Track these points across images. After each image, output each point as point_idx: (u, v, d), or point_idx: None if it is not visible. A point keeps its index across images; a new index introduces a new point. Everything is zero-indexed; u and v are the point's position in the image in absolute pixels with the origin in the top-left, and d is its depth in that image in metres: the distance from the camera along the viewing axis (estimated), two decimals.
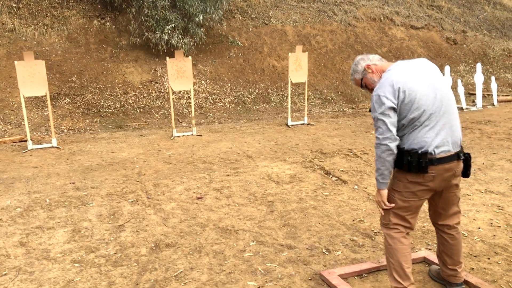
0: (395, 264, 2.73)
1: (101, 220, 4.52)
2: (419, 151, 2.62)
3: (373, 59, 2.86)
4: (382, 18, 16.63)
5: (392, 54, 15.31)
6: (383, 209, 2.82)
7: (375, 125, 2.66)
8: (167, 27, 12.00)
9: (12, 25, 11.84)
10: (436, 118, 2.63)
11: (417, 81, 2.63)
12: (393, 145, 2.60)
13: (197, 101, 11.54)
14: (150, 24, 12.16)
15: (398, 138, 2.62)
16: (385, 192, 2.75)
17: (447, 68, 11.15)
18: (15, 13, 12.24)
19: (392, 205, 2.76)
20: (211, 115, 11.10)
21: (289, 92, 9.78)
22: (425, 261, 3.47)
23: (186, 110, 11.09)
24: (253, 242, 3.94)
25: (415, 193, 2.71)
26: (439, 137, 2.63)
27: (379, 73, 2.80)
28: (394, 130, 2.60)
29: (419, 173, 2.65)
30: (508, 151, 6.76)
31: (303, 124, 9.65)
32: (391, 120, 2.59)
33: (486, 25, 18.61)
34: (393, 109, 2.59)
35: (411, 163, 2.64)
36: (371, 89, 2.85)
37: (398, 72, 2.66)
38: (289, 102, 9.76)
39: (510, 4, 20.11)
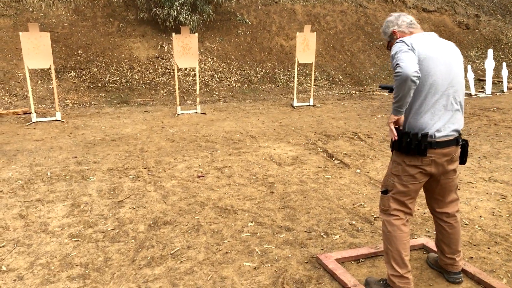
0: (393, 252, 2.69)
1: (101, 196, 4.52)
2: (420, 133, 2.57)
3: (401, 25, 2.76)
4: (394, 0, 16.33)
5: None
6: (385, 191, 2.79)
7: (394, 64, 2.47)
8: (176, 3, 11.85)
9: None
10: (443, 101, 2.58)
11: (437, 56, 2.57)
12: (414, 74, 2.38)
13: (203, 79, 11.46)
14: None
15: (419, 73, 2.41)
16: (395, 118, 2.59)
17: None
18: None
19: (395, 134, 2.63)
20: (216, 93, 11.03)
21: (296, 73, 9.67)
22: (424, 248, 3.44)
23: (192, 88, 11.03)
24: (252, 222, 3.92)
25: (414, 176, 2.67)
26: (441, 121, 2.59)
27: None
28: (415, 62, 2.42)
29: (417, 156, 2.61)
30: None
31: (309, 105, 9.57)
32: (412, 56, 2.44)
33: (500, 10, 18.24)
34: (414, 53, 2.48)
35: (410, 145, 2.59)
36: None
37: (422, 39, 2.60)
38: (295, 83, 9.66)
39: None
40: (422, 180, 2.70)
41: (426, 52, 2.54)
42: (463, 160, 2.80)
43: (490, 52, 11.21)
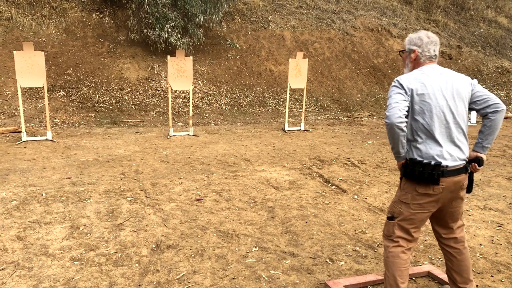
0: (390, 277, 2.75)
1: (99, 218, 4.44)
2: (432, 162, 2.63)
3: (424, 53, 2.80)
4: (379, 29, 16.74)
5: (388, 65, 15.41)
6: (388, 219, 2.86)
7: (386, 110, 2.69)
8: (167, 26, 11.93)
9: (9, 14, 11.68)
10: (448, 131, 2.67)
11: (434, 90, 2.66)
12: (397, 120, 2.55)
13: (193, 101, 11.47)
14: (150, 21, 12.08)
15: (404, 119, 2.57)
16: (400, 164, 2.78)
17: None
18: (13, 2, 12.07)
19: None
20: (206, 116, 11.05)
21: (288, 97, 9.77)
22: (429, 275, 3.46)
23: (182, 110, 11.02)
24: (255, 247, 3.90)
25: (423, 205, 2.72)
26: (450, 150, 2.67)
27: (413, 65, 2.85)
28: (401, 111, 2.57)
29: (429, 185, 2.66)
30: (504, 168, 6.82)
31: (300, 130, 9.65)
32: (400, 102, 2.60)
33: (480, 42, 18.84)
34: (402, 95, 2.64)
35: (423, 174, 2.64)
36: (403, 66, 2.94)
37: (421, 75, 2.70)
38: (287, 107, 9.75)
39: (505, 23, 20.39)
40: (430, 210, 2.75)
41: (423, 87, 2.65)
42: (469, 188, 2.87)
43: (474, 81, 11.52)
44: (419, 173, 2.66)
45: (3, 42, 11.02)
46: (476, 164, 2.82)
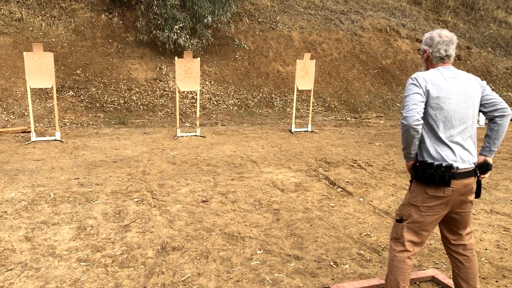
0: (392, 280, 2.78)
1: (106, 219, 4.49)
2: (443, 164, 2.63)
3: (435, 53, 2.78)
4: (388, 30, 16.69)
5: (397, 66, 15.36)
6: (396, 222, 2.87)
7: (402, 108, 2.68)
8: (176, 27, 11.98)
9: (20, 15, 11.79)
10: (460, 134, 2.68)
11: (449, 94, 2.66)
12: (414, 123, 2.56)
13: (201, 102, 11.52)
14: (159, 22, 12.14)
15: (421, 121, 2.58)
16: (410, 164, 2.80)
17: None
18: (23, 3, 12.19)
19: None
20: (214, 116, 11.09)
21: (295, 98, 9.77)
22: (434, 280, 3.47)
23: (190, 110, 11.07)
24: (260, 250, 3.92)
25: (432, 207, 2.72)
26: (461, 153, 2.68)
27: (428, 64, 2.85)
28: (419, 113, 2.58)
29: (440, 187, 2.66)
30: None
31: (307, 131, 9.65)
32: (418, 104, 2.60)
33: (490, 43, 18.71)
34: (421, 95, 2.63)
35: (434, 176, 2.65)
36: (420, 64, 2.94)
37: (437, 76, 2.69)
38: (294, 108, 9.76)
39: None
40: (440, 213, 2.74)
41: (439, 90, 2.65)
42: (478, 193, 2.86)
43: (484, 83, 11.45)
44: (430, 175, 2.66)
45: (14, 43, 11.14)
46: (483, 176, 2.83)
